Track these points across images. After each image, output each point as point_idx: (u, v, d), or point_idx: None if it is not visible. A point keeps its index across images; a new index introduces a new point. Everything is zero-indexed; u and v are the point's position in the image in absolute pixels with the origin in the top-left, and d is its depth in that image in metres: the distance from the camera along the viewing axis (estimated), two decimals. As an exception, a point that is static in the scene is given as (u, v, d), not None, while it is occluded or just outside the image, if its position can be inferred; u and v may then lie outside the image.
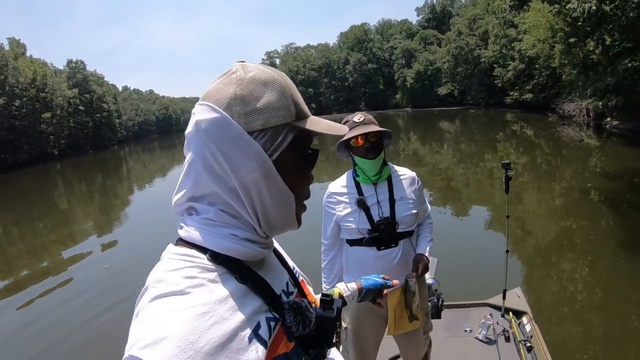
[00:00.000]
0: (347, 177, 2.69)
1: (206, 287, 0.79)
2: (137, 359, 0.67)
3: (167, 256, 0.86)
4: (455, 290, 5.30)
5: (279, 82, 0.88)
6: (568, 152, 18.43)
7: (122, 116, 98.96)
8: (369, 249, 2.57)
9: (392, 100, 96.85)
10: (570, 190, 11.65)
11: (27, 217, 18.04)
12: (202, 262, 0.83)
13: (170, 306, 0.74)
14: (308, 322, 0.92)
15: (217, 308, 0.77)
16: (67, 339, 6.31)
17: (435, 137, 30.27)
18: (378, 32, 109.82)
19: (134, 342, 0.69)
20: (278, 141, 0.87)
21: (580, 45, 24.71)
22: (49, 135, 62.57)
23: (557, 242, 8.02)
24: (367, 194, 2.57)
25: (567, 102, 28.94)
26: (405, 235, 2.58)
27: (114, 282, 8.23)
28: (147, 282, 0.81)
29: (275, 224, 0.91)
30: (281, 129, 0.87)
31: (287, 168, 0.89)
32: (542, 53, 32.53)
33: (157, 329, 0.70)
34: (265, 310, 0.87)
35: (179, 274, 0.79)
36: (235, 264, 0.87)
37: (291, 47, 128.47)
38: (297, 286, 1.07)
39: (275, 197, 0.88)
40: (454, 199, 11.91)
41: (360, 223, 2.54)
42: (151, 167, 36.06)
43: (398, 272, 2.55)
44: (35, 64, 63.98)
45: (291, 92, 0.89)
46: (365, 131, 2.37)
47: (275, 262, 1.06)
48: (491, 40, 51.19)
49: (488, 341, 3.89)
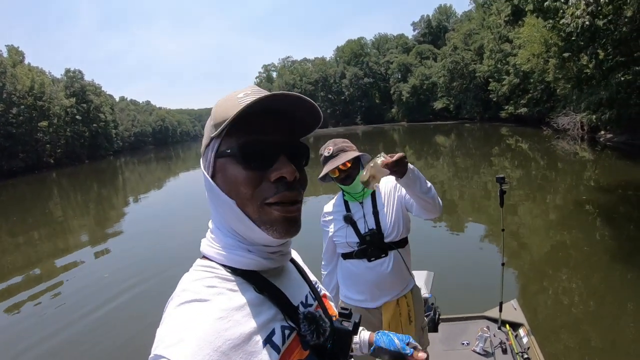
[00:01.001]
0: (338, 197, 2.89)
1: (225, 295, 0.86)
2: (161, 357, 0.73)
3: (192, 268, 0.95)
4: (452, 303, 5.30)
5: (212, 109, 0.96)
6: (563, 166, 18.47)
7: (119, 126, 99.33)
8: (360, 261, 2.67)
9: (388, 114, 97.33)
10: (565, 203, 11.68)
11: (22, 226, 18.07)
12: (222, 273, 0.91)
13: (192, 311, 0.81)
14: (322, 332, 0.95)
15: (234, 314, 0.83)
16: (60, 345, 6.30)
17: (430, 151, 30.27)
18: (374, 47, 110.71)
19: (159, 342, 0.76)
20: (208, 157, 0.94)
21: (574, 59, 25.00)
22: (46, 144, 62.84)
23: (553, 254, 8.02)
24: (354, 211, 2.72)
25: (561, 116, 29.05)
26: (394, 247, 2.64)
27: (112, 291, 8.18)
28: (174, 291, 0.88)
29: (244, 233, 0.93)
30: (210, 147, 0.94)
31: (225, 176, 0.91)
32: (536, 67, 32.72)
33: (179, 330, 0.77)
34: (280, 319, 0.91)
35: (201, 284, 0.88)
36: (253, 275, 0.93)
37: (288, 60, 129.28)
38: (317, 299, 1.09)
39: (224, 207, 0.92)
40: (449, 213, 11.89)
41: (349, 237, 2.68)
42: (147, 179, 35.85)
43: (391, 282, 2.65)
44: (33, 72, 64.32)
45: (215, 110, 0.94)
46: (334, 165, 2.52)
47: (296, 275, 1.09)
48: (486, 55, 51.64)
49: (485, 354, 3.88)
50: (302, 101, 0.90)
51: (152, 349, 0.76)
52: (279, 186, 0.88)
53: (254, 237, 0.91)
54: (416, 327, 2.72)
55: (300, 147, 0.97)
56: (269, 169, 0.89)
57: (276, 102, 0.89)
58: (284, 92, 0.87)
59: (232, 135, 0.89)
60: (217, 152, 0.91)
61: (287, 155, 0.91)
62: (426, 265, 4.89)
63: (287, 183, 0.89)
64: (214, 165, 0.92)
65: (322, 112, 0.97)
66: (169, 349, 0.74)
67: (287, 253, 1.02)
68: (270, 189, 0.88)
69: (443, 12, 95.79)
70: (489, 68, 50.80)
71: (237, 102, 0.90)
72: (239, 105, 0.87)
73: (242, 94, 0.93)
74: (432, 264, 5.46)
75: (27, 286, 9.40)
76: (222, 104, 0.93)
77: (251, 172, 0.88)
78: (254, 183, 0.88)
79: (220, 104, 0.94)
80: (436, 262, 6.96)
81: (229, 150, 0.89)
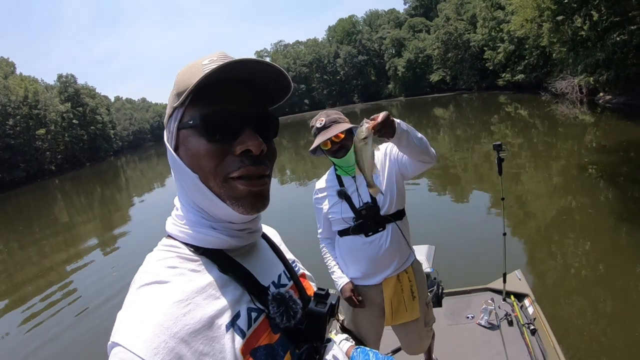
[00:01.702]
0: (329, 173, 2.79)
1: (186, 277, 0.83)
2: (116, 344, 0.72)
3: (156, 248, 0.92)
4: (455, 277, 5.29)
5: (175, 78, 0.90)
6: (563, 130, 18.38)
7: (117, 127, 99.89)
8: (357, 237, 2.60)
9: (385, 91, 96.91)
10: (567, 168, 11.62)
11: (30, 233, 18.16)
12: (184, 252, 0.88)
13: (151, 294, 0.78)
14: (293, 314, 0.91)
15: (194, 296, 0.80)
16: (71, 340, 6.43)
17: (430, 124, 30.19)
18: (366, 24, 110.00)
19: (117, 329, 0.75)
20: (171, 128, 0.89)
21: (568, 22, 24.69)
22: (45, 151, 63.12)
23: (557, 220, 7.98)
24: (347, 185, 2.64)
25: (559, 80, 28.90)
26: (391, 219, 2.57)
27: (119, 288, 8.27)
28: (137, 272, 0.86)
29: (208, 209, 0.88)
30: (173, 117, 0.89)
31: (188, 148, 0.86)
32: (531, 33, 32.35)
33: (136, 316, 0.75)
34: (247, 300, 0.88)
35: (162, 264, 0.85)
36: (217, 255, 0.89)
37: (280, 44, 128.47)
38: (293, 279, 1.05)
39: (187, 182, 0.87)
40: (450, 185, 11.88)
41: (344, 212, 2.61)
42: (149, 175, 36.11)
43: (390, 257, 2.59)
44: (25, 82, 64.48)
45: (178, 78, 0.89)
46: (328, 136, 2.43)
47: (268, 254, 1.05)
48: (479, 24, 50.92)
49: (491, 326, 3.86)
50: (268, 67, 0.85)
51: (112, 333, 0.74)
52: (244, 160, 0.84)
53: (218, 212, 0.88)
54: (420, 304, 2.68)
55: (269, 118, 0.92)
56: (234, 141, 0.84)
57: (241, 70, 0.84)
58: (249, 57, 0.81)
59: (195, 105, 0.85)
60: (180, 122, 0.87)
61: (253, 127, 0.86)
62: (427, 239, 4.87)
63: (253, 157, 0.85)
64: (177, 137, 0.88)
65: (318, 93, 0.88)
66: (125, 336, 0.72)
67: (256, 230, 0.98)
68: (234, 163, 0.84)
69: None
70: (483, 37, 50.09)
71: (201, 69, 0.84)
72: (203, 72, 0.81)
73: (207, 60, 0.87)
74: (433, 238, 5.44)
75: (38, 290, 9.51)
76: (186, 71, 0.88)
77: (214, 144, 0.83)
78: (218, 156, 0.84)
79: (183, 71, 0.89)
80: (437, 236, 6.97)
81: (191, 122, 0.84)
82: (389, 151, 2.58)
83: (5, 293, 10.15)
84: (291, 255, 1.18)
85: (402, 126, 2.04)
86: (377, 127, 1.80)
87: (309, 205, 2.91)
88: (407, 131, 2.07)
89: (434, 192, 11.25)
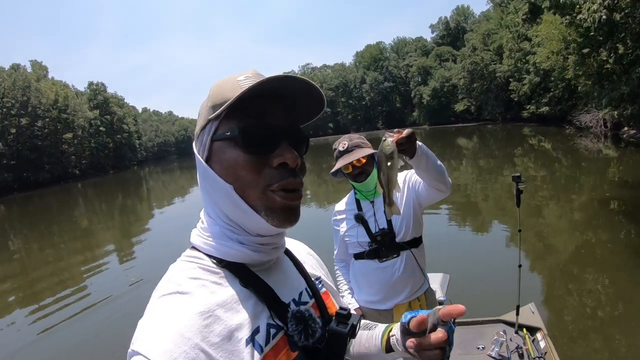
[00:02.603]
0: (349, 196, 2.82)
1: (208, 288, 0.83)
2: (136, 353, 0.71)
3: (180, 258, 0.93)
4: (468, 306, 5.20)
5: (210, 91, 0.93)
6: (587, 164, 18.14)
7: (142, 137, 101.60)
8: (371, 261, 2.62)
9: (410, 118, 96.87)
10: (589, 202, 11.41)
11: (49, 234, 18.61)
12: (207, 264, 0.89)
13: (173, 304, 0.79)
14: (311, 333, 0.89)
15: (215, 309, 0.80)
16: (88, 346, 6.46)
17: (453, 153, 29.97)
18: (393, 51, 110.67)
19: (137, 337, 0.75)
20: (204, 140, 0.91)
21: (594, 55, 24.61)
22: (71, 155, 64.89)
23: (575, 255, 7.82)
24: (365, 209, 2.66)
25: (583, 114, 28.69)
26: (407, 246, 2.59)
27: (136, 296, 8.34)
28: (160, 281, 0.87)
29: (239, 220, 0.89)
30: (207, 129, 0.90)
31: (223, 159, 0.88)
32: (556, 65, 32.21)
33: (157, 325, 0.75)
34: (267, 316, 0.87)
35: (185, 275, 0.85)
36: (239, 268, 0.90)
37: (308, 67, 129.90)
38: (315, 297, 1.04)
39: (219, 193, 0.88)
40: (469, 215, 11.75)
41: (359, 236, 2.63)
42: (171, 188, 36.29)
43: (403, 283, 2.60)
44: (57, 86, 66.58)
45: (214, 92, 0.91)
46: (349, 160, 2.47)
47: (291, 270, 1.04)
48: (506, 55, 50.91)
49: (501, 358, 3.80)
50: (305, 85, 0.87)
51: (131, 342, 0.75)
52: (283, 172, 0.86)
53: (250, 224, 0.88)
54: None
55: (301, 135, 0.94)
56: (271, 154, 0.86)
57: (279, 86, 0.86)
58: (288, 74, 0.83)
59: (231, 118, 0.87)
60: (215, 134, 0.88)
61: (289, 141, 0.88)
62: (442, 268, 4.84)
63: (290, 170, 0.87)
64: (209, 148, 0.90)
65: (343, 117, 0.92)
66: (145, 344, 0.72)
67: (280, 246, 0.99)
68: (274, 175, 0.85)
69: (461, 13, 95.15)
70: (509, 68, 50.09)
71: (237, 85, 0.87)
72: (240, 87, 0.85)
73: (242, 76, 0.90)
74: (449, 266, 5.41)
75: (51, 291, 9.66)
76: (221, 85, 0.91)
77: (252, 156, 0.85)
78: (256, 168, 0.85)
79: (219, 85, 0.91)
80: (453, 264, 6.86)
81: (228, 133, 0.86)
82: (408, 178, 2.60)
83: (19, 290, 10.36)
84: (317, 270, 1.17)
85: (423, 149, 2.04)
86: (400, 141, 1.74)
87: (327, 227, 2.95)
88: (427, 154, 2.06)
89: (453, 220, 11.16)
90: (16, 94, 57.17)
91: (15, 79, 58.03)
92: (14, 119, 56.57)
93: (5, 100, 55.78)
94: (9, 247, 17.22)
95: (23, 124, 56.89)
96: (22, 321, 8.19)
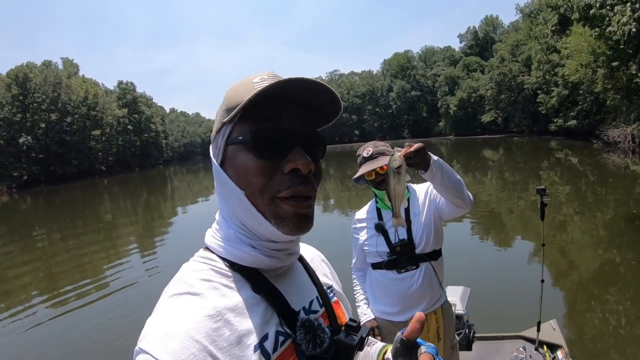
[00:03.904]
0: (370, 204, 2.81)
1: (219, 291, 0.83)
2: (143, 352, 0.71)
3: (192, 258, 0.93)
4: (488, 321, 5.12)
5: (225, 94, 0.91)
6: (613, 180, 17.76)
7: (169, 137, 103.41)
8: (389, 272, 2.61)
9: (436, 128, 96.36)
10: (614, 219, 11.16)
11: (72, 227, 19.09)
12: (220, 266, 0.88)
13: (183, 305, 0.78)
14: (319, 342, 0.88)
15: (226, 313, 0.80)
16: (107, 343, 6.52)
17: (478, 165, 29.77)
18: (421, 59, 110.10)
19: (145, 335, 0.74)
20: (219, 143, 0.90)
21: (623, 68, 24.13)
22: (98, 152, 66.74)
23: (599, 272, 7.63)
24: (386, 219, 2.64)
25: (611, 128, 28.17)
26: (426, 258, 2.57)
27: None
28: (171, 280, 0.86)
29: (251, 226, 0.88)
30: (221, 133, 0.89)
31: (235, 164, 0.86)
32: (585, 78, 31.71)
33: (166, 325, 0.74)
34: (276, 323, 0.86)
35: (197, 276, 0.85)
36: (251, 273, 0.89)
37: (335, 73, 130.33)
38: (325, 306, 1.02)
39: (232, 197, 0.87)
40: (492, 228, 11.59)
41: (379, 246, 2.62)
42: (195, 188, 36.64)
43: (421, 296, 2.58)
44: (87, 84, 68.53)
45: (228, 94, 0.89)
46: (373, 167, 2.47)
47: (302, 278, 1.03)
48: (534, 66, 50.11)
49: (521, 376, 3.76)
50: (320, 87, 0.85)
51: (139, 339, 0.74)
52: (293, 179, 0.83)
53: (262, 230, 0.87)
54: (445, 346, 2.66)
55: (317, 138, 0.92)
56: (283, 159, 0.84)
57: (294, 89, 0.84)
58: (303, 77, 0.81)
59: (245, 122, 0.85)
60: (228, 138, 0.87)
61: (302, 146, 0.85)
62: (463, 280, 4.76)
63: (301, 176, 0.84)
64: (224, 152, 0.89)
65: (369, 125, 0.90)
66: (152, 344, 0.71)
67: (294, 253, 0.97)
68: (283, 182, 0.83)
69: (489, 23, 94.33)
70: (537, 79, 49.33)
71: (252, 87, 0.85)
72: (254, 89, 0.82)
73: (258, 78, 0.89)
74: (470, 279, 5.34)
75: (72, 282, 9.91)
76: (236, 87, 0.89)
77: (263, 161, 0.83)
78: (267, 174, 0.83)
79: (234, 87, 0.90)
80: (474, 277, 6.82)
81: (240, 137, 0.85)
82: (430, 191, 2.59)
83: (41, 280, 10.60)
84: (329, 278, 1.16)
85: (438, 163, 2.02)
86: (407, 155, 1.76)
87: (347, 235, 2.94)
88: (442, 169, 2.04)
89: (476, 233, 11.04)
90: (47, 89, 59.03)
91: (46, 75, 59.95)
92: (44, 114, 58.52)
93: (36, 95, 57.67)
94: (33, 236, 17.73)
95: (52, 119, 58.73)
96: (39, 307, 8.45)
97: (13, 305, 8.84)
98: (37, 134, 57.06)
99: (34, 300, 8.96)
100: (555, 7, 38.37)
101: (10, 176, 52.05)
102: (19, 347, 6.75)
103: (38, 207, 32.97)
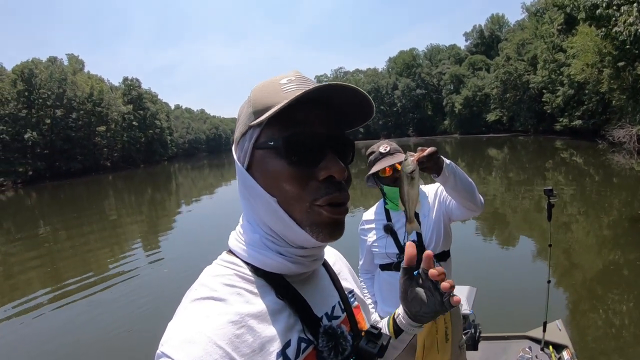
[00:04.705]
0: (378, 205, 2.80)
1: (242, 297, 0.82)
2: (165, 356, 0.70)
3: (215, 261, 0.91)
4: (494, 321, 5.13)
5: (251, 95, 0.89)
6: (618, 181, 17.69)
7: (174, 133, 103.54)
8: (399, 273, 2.57)
9: (441, 126, 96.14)
10: (619, 220, 11.13)
11: (77, 223, 19.00)
12: (244, 271, 0.86)
13: (206, 310, 0.77)
14: (341, 350, 0.88)
15: (249, 319, 0.79)
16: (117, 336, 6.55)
17: (483, 164, 29.65)
18: (426, 58, 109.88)
19: (167, 339, 0.73)
20: (245, 146, 0.87)
21: (629, 69, 24.05)
22: (103, 148, 67.02)
23: (605, 273, 7.61)
24: (394, 220, 2.64)
25: (617, 129, 27.99)
26: (435, 260, 2.55)
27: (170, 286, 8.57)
28: (194, 284, 0.85)
29: (281, 232, 0.86)
30: (248, 136, 0.86)
31: (265, 170, 0.84)
32: (591, 78, 31.51)
33: (189, 330, 0.73)
34: (299, 329, 0.85)
35: (220, 280, 0.83)
36: (276, 279, 0.87)
37: (340, 71, 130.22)
38: (347, 311, 1.01)
39: (260, 203, 0.85)
40: (498, 228, 11.56)
41: (388, 247, 2.61)
42: (200, 185, 36.60)
43: None
44: (92, 80, 68.78)
45: (255, 96, 0.87)
46: (391, 162, 2.46)
47: (326, 283, 1.02)
48: (540, 66, 49.87)
49: (527, 376, 3.76)
50: (354, 92, 0.83)
51: (160, 343, 0.73)
52: (329, 187, 0.81)
53: (293, 237, 0.85)
54: (453, 346, 2.64)
55: (347, 142, 0.89)
56: (316, 165, 0.82)
57: (325, 93, 0.81)
58: (339, 83, 0.79)
59: (273, 125, 0.82)
60: (257, 142, 0.84)
61: (335, 151, 0.84)
62: (469, 280, 4.77)
63: (337, 183, 0.82)
64: (251, 156, 0.86)
65: (373, 123, 0.89)
66: (175, 348, 0.71)
67: (319, 258, 0.95)
68: (320, 190, 0.81)
69: (495, 21, 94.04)
70: (542, 79, 49.06)
71: (280, 89, 0.84)
72: (283, 91, 0.82)
73: (285, 79, 0.86)
74: (476, 279, 5.33)
75: (75, 276, 9.90)
76: (263, 89, 0.86)
77: (296, 168, 0.80)
78: (301, 181, 0.81)
79: (260, 89, 0.87)
80: (480, 277, 6.79)
81: (271, 143, 0.81)
82: (440, 192, 2.59)
83: (45, 275, 10.66)
84: (351, 283, 1.14)
85: (451, 167, 2.02)
86: (420, 159, 1.77)
87: (351, 233, 2.96)
88: (455, 173, 2.04)
89: (481, 233, 10.99)
90: (52, 85, 59.14)
91: (52, 72, 60.03)
92: (49, 110, 58.71)
93: (41, 91, 57.81)
94: (39, 231, 17.79)
95: (58, 115, 58.86)
96: (42, 298, 8.56)
97: (17, 297, 8.92)
98: (43, 130, 57.19)
99: (38, 292, 9.05)
100: (562, 6, 38.15)
101: (15, 172, 52.12)
102: (25, 338, 6.85)
103: (43, 202, 33.05)
